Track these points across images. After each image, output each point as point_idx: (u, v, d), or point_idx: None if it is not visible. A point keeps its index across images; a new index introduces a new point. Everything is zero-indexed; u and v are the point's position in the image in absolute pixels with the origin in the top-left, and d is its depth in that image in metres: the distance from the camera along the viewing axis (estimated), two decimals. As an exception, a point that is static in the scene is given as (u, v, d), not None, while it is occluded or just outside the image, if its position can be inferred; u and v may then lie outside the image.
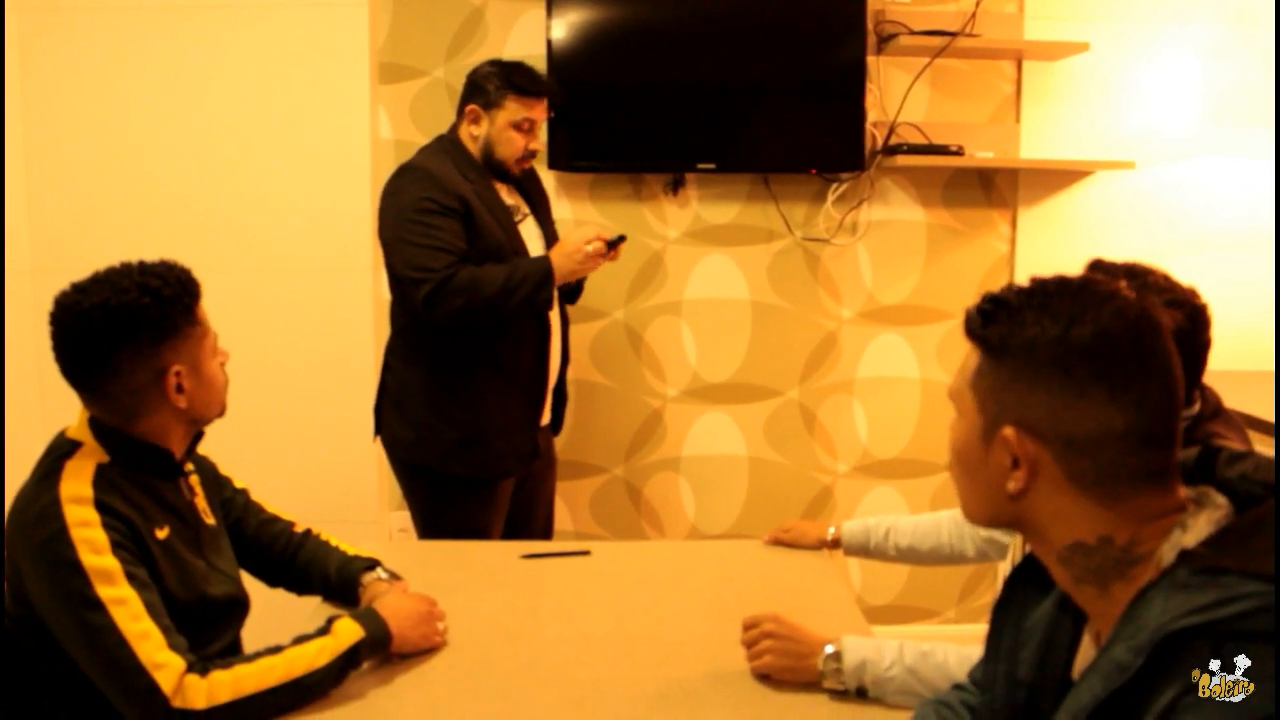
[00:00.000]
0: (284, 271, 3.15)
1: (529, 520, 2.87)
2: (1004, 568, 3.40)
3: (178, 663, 1.43)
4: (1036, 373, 0.99)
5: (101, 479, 1.54)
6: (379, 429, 2.76)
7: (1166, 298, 1.56)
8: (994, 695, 1.17)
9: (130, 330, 1.53)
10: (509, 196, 2.72)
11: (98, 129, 3.09)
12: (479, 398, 2.61)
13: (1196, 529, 0.98)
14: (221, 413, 1.69)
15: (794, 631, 1.63)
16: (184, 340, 1.59)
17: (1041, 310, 1.00)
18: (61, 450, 1.57)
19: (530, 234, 2.72)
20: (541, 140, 2.74)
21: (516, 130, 2.63)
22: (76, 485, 1.51)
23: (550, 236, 2.79)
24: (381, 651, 1.65)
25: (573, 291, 2.87)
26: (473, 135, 2.65)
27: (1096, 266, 1.58)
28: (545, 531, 2.99)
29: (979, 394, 1.05)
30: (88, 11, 3.05)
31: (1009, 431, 1.01)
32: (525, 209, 2.76)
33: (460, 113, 2.68)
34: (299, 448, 3.15)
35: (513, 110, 2.62)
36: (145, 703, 1.42)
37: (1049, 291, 1.02)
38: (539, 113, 2.66)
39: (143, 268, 1.58)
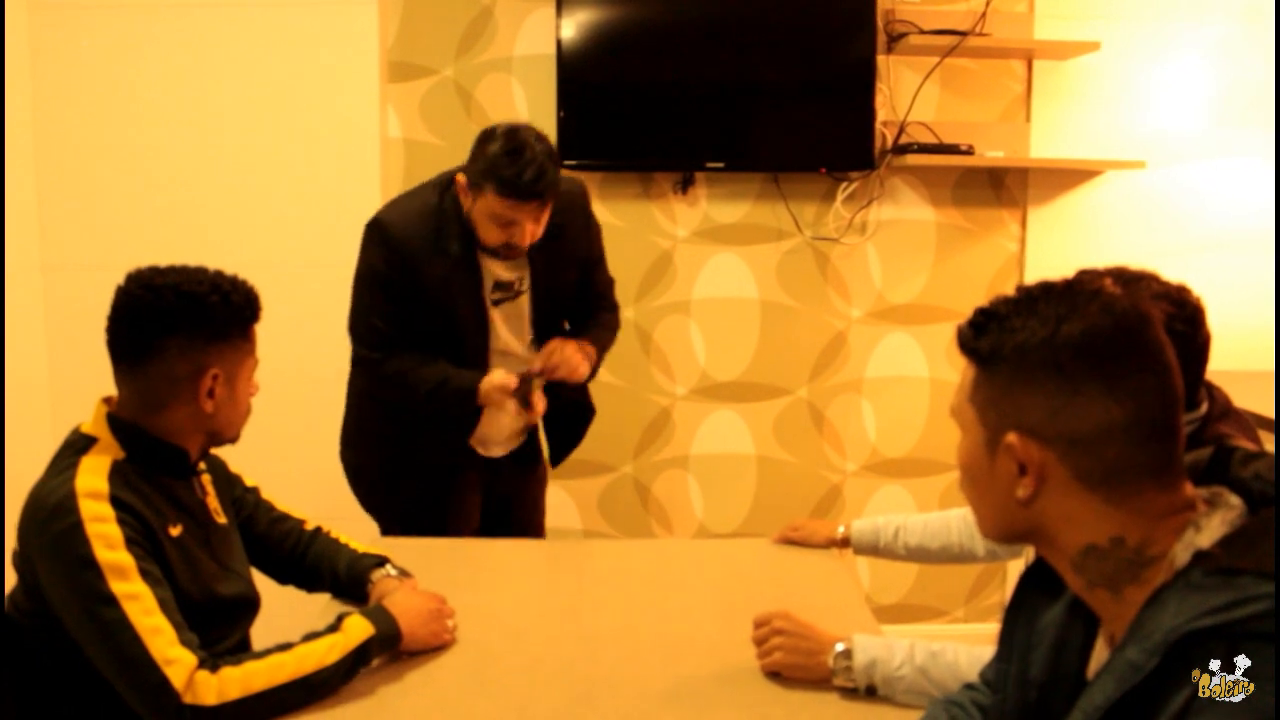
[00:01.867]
0: (293, 269, 3.15)
1: (511, 525, 2.73)
2: (1014, 567, 3.40)
3: (189, 659, 1.44)
4: (1031, 376, 1.00)
5: (117, 475, 1.55)
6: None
7: (1158, 296, 1.56)
8: (1006, 695, 1.17)
9: (189, 318, 1.58)
10: (507, 270, 2.39)
11: (107, 127, 3.10)
12: (397, 436, 2.52)
13: (1210, 529, 0.98)
14: (235, 438, 1.72)
15: (804, 629, 1.63)
16: (233, 350, 1.63)
17: (1029, 314, 1.01)
18: (78, 445, 1.58)
19: (512, 315, 2.44)
20: (533, 234, 2.28)
21: (494, 222, 2.24)
22: (92, 480, 1.52)
23: (561, 301, 2.50)
24: (391, 649, 1.65)
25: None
26: (464, 204, 2.30)
27: (1082, 274, 1.57)
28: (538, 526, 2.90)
29: (978, 407, 1.05)
30: (97, 9, 3.05)
31: (1012, 438, 1.01)
32: (524, 283, 2.42)
33: (456, 175, 2.33)
34: (307, 445, 3.15)
35: (491, 202, 2.21)
36: (156, 698, 1.42)
37: (1034, 296, 1.02)
38: (524, 215, 2.22)
39: (219, 273, 1.64)
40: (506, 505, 2.72)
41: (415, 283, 2.31)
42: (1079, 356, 0.98)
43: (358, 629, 1.60)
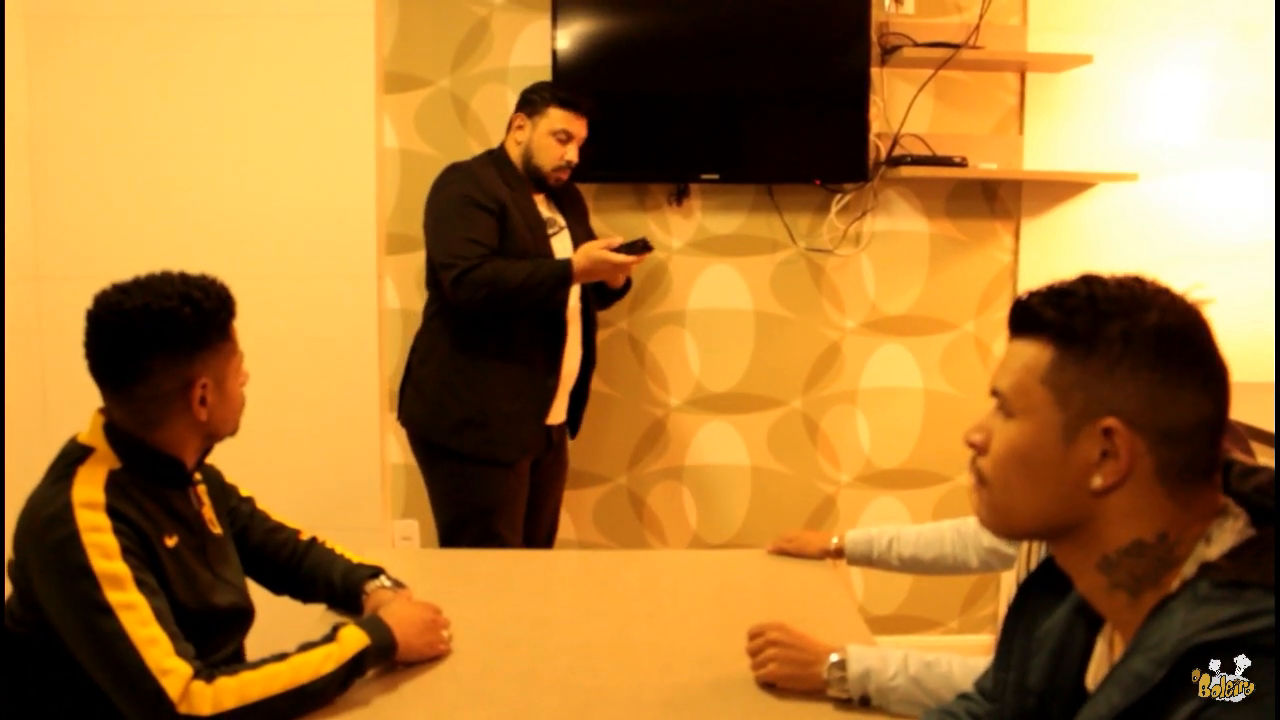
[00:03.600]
0: (288, 280, 3.15)
1: (534, 523, 2.91)
2: (1007, 579, 3.40)
3: (184, 669, 1.44)
4: (1136, 361, 0.96)
5: (113, 485, 1.54)
6: (400, 410, 2.97)
7: None
8: (1003, 703, 1.16)
9: (167, 337, 1.55)
10: (546, 209, 2.88)
11: (104, 138, 3.10)
12: (486, 382, 2.78)
13: (1220, 541, 0.97)
14: (234, 432, 1.71)
15: (799, 640, 1.63)
16: (215, 355, 1.61)
17: (1128, 300, 0.98)
18: (74, 455, 1.58)
19: (562, 248, 2.85)
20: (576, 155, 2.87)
21: (554, 139, 2.80)
22: (89, 490, 1.52)
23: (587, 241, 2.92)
24: (387, 659, 1.65)
25: (615, 292, 2.98)
26: (516, 142, 2.85)
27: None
28: (548, 538, 3.00)
29: (1057, 389, 1.00)
30: (94, 21, 3.06)
31: (1113, 422, 0.97)
32: (561, 223, 2.90)
33: (507, 128, 2.89)
34: (302, 455, 3.15)
35: (553, 119, 2.80)
36: (152, 708, 1.42)
37: (1120, 283, 1.00)
38: (578, 128, 2.83)
39: (185, 278, 1.60)
40: (533, 507, 2.94)
41: (498, 204, 2.72)
42: (1183, 346, 0.96)
43: (353, 639, 1.59)
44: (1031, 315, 1.02)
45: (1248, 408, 2.59)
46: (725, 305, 3.47)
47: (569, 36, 3.21)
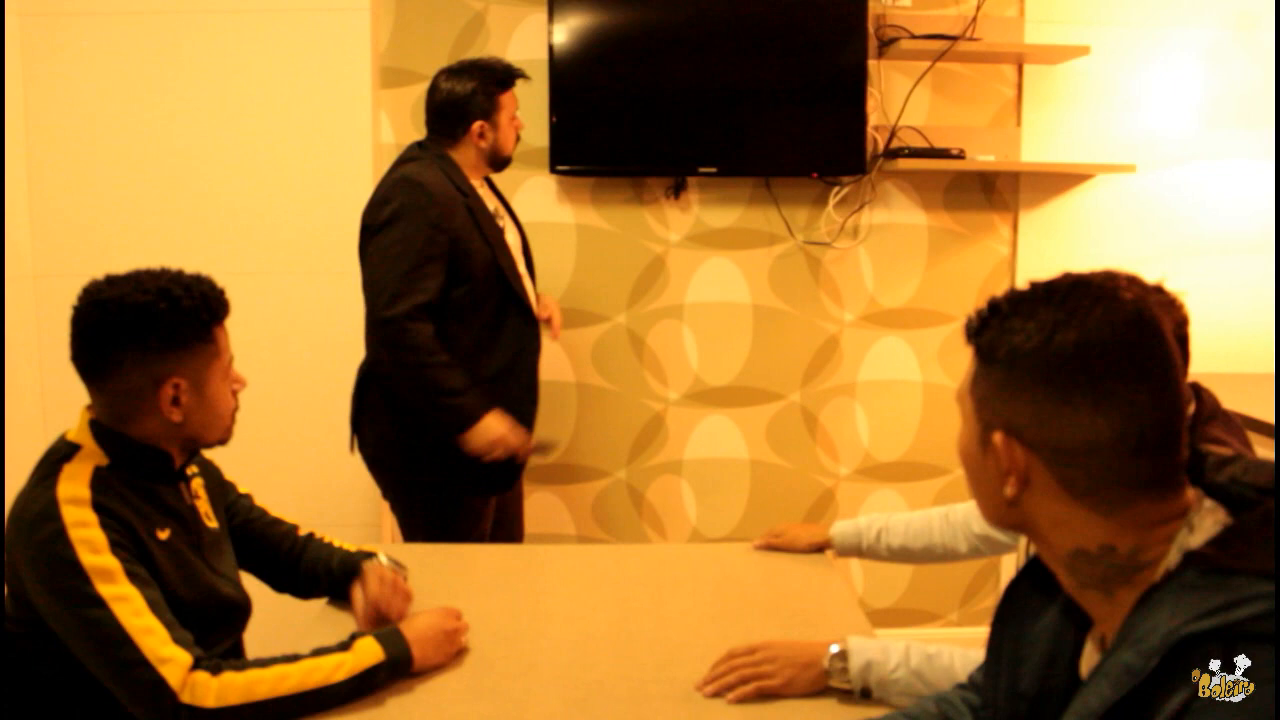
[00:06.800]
0: (284, 275, 3.15)
1: (507, 527, 2.87)
2: (1007, 571, 3.40)
3: (184, 657, 1.43)
4: (1020, 381, 0.99)
5: (99, 481, 1.53)
6: (364, 443, 2.70)
7: (1165, 304, 1.55)
8: (996, 708, 1.16)
9: (136, 330, 1.53)
10: (490, 201, 2.72)
11: (100, 134, 3.10)
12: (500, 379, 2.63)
13: (1203, 529, 0.97)
14: (224, 439, 1.68)
15: (790, 646, 1.61)
16: (191, 355, 1.58)
17: (1028, 316, 0.99)
18: (60, 453, 1.57)
19: (512, 240, 2.73)
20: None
21: (512, 122, 2.71)
22: (74, 487, 1.51)
23: (524, 238, 2.84)
24: (402, 675, 1.61)
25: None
26: (481, 149, 2.68)
27: (1098, 275, 1.56)
28: (519, 534, 2.98)
29: (975, 400, 1.05)
30: (91, 17, 3.05)
31: (998, 438, 1.00)
32: (504, 213, 2.78)
33: (459, 134, 2.65)
34: (296, 452, 3.15)
35: (507, 104, 2.69)
36: (152, 698, 1.41)
37: (1038, 296, 1.01)
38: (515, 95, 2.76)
39: (174, 276, 1.58)
40: (501, 520, 2.83)
41: (449, 235, 2.53)
42: (1069, 370, 0.96)
43: (368, 652, 1.57)
44: (966, 325, 1.07)
45: (1248, 399, 2.60)
46: (723, 299, 3.46)
47: (566, 30, 3.21)
